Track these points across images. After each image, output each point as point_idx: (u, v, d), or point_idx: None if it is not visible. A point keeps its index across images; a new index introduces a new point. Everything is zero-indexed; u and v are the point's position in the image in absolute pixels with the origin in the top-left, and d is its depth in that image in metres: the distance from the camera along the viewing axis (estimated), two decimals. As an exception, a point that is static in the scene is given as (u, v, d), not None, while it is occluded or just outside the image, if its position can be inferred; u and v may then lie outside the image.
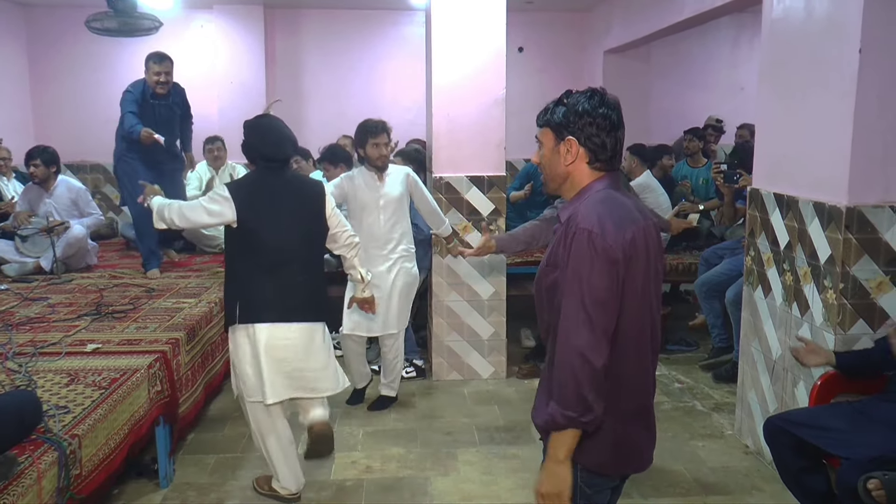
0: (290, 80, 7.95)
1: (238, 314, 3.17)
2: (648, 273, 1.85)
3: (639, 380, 1.92)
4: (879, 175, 3.08)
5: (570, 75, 8.09)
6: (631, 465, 2.01)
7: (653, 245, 1.87)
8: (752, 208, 3.89)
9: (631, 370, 1.88)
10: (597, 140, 1.85)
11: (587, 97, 1.86)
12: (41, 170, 5.46)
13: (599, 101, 1.85)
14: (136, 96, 5.15)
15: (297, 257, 3.22)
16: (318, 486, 3.56)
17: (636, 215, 1.85)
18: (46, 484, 2.40)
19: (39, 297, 4.64)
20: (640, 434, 1.98)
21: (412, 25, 7.90)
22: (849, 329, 3.18)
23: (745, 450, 3.92)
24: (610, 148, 1.87)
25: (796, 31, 3.45)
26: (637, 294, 1.82)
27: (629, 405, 1.91)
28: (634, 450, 1.98)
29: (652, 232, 1.88)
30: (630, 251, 1.77)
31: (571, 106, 1.86)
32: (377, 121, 4.26)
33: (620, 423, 1.89)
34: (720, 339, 5.09)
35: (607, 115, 1.84)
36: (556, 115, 1.89)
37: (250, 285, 3.17)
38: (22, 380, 3.13)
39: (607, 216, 1.77)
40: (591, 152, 1.86)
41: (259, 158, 3.23)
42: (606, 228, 1.75)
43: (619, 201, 1.85)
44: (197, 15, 7.74)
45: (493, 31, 4.76)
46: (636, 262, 1.80)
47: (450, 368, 5.03)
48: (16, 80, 7.56)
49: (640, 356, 1.90)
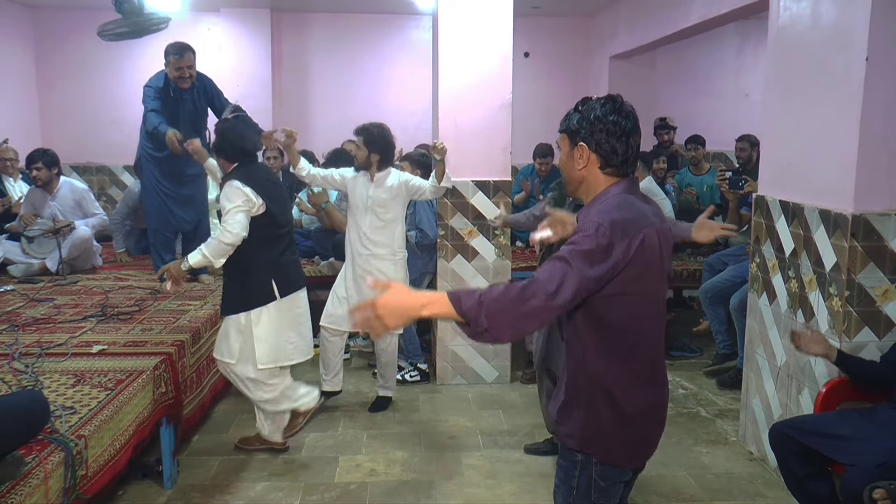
0: (296, 84, 7.98)
1: (278, 290, 3.64)
2: (662, 273, 1.91)
3: (652, 375, 1.97)
4: (885, 182, 3.08)
5: (575, 81, 8.12)
6: (642, 457, 2.05)
7: (666, 247, 1.91)
8: (757, 215, 3.89)
9: (645, 367, 1.94)
10: (607, 146, 1.90)
11: (601, 104, 1.92)
12: (43, 172, 5.46)
13: (611, 108, 1.91)
14: (158, 91, 4.95)
15: (292, 232, 3.87)
16: (323, 488, 3.57)
17: (652, 219, 1.88)
18: (53, 484, 2.41)
19: (45, 298, 4.65)
20: (652, 428, 2.02)
21: (419, 30, 7.93)
22: (854, 336, 3.17)
23: (749, 456, 3.92)
24: (621, 153, 1.91)
25: (802, 38, 3.45)
26: (651, 293, 1.88)
27: (643, 401, 1.95)
28: (646, 442, 2.02)
29: (667, 234, 1.92)
30: (639, 252, 1.80)
31: (585, 113, 1.93)
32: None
33: (636, 420, 1.94)
34: (724, 346, 5.08)
35: (618, 121, 1.90)
36: (572, 121, 1.96)
37: (280, 262, 3.67)
38: (29, 380, 3.14)
39: (619, 218, 1.81)
40: (602, 157, 1.92)
41: (240, 155, 3.64)
42: (616, 228, 1.78)
43: (634, 205, 1.88)
44: (204, 18, 7.76)
45: (500, 36, 4.77)
46: (649, 262, 1.83)
47: (454, 372, 5.04)
48: (22, 82, 7.59)
49: (653, 352, 1.96)
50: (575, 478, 1.99)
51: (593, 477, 1.96)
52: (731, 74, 8.18)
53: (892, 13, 2.95)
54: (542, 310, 1.69)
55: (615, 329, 1.88)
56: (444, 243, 4.86)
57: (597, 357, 1.91)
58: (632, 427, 1.94)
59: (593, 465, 1.95)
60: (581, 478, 1.98)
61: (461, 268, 4.92)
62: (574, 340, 1.95)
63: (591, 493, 1.97)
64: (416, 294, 1.70)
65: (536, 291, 1.69)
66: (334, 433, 4.21)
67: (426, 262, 4.94)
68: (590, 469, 1.95)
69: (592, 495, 1.97)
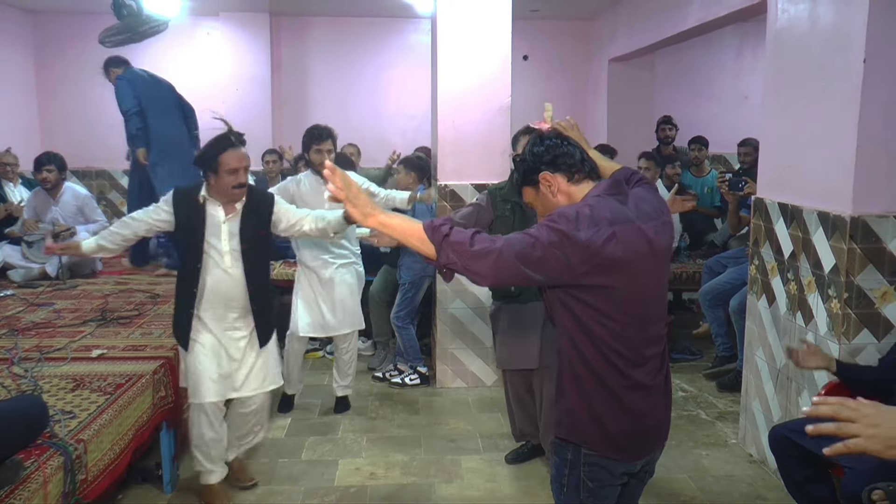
0: (295, 88, 7.99)
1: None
2: (648, 264, 1.91)
3: (638, 364, 1.95)
4: (884, 184, 3.08)
5: (574, 83, 8.14)
6: (632, 451, 2.02)
7: (649, 242, 1.90)
8: (756, 217, 3.89)
9: (633, 354, 1.93)
10: (560, 160, 2.01)
11: (530, 144, 2.09)
12: (54, 175, 5.48)
13: (536, 140, 2.08)
14: (133, 80, 5.22)
15: None
16: (322, 492, 3.57)
17: (628, 215, 1.89)
18: (52, 488, 2.41)
19: (45, 302, 4.65)
20: (645, 419, 1.99)
21: (418, 33, 7.94)
22: (853, 339, 3.17)
23: (749, 458, 3.92)
24: (575, 156, 2.02)
25: (801, 40, 3.46)
26: (633, 286, 1.89)
27: (632, 393, 1.95)
28: (637, 435, 2.00)
29: (648, 231, 1.91)
30: (609, 246, 1.81)
31: (525, 161, 2.07)
32: (323, 127, 4.23)
33: (625, 408, 1.95)
34: (724, 348, 5.08)
35: (549, 143, 2.04)
36: (519, 173, 2.10)
37: None
38: (28, 385, 3.14)
39: (588, 213, 1.84)
40: (565, 170, 2.01)
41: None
42: (582, 218, 1.82)
43: (608, 205, 1.90)
44: (203, 22, 7.78)
45: (499, 39, 4.78)
46: (624, 253, 1.83)
47: (453, 376, 5.03)
48: (23, 87, 7.61)
49: (645, 336, 1.95)
50: (565, 476, 2.03)
51: (581, 478, 1.99)
52: (730, 77, 8.19)
53: (890, 15, 2.95)
54: (493, 268, 1.78)
55: (596, 320, 1.89)
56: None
57: (583, 346, 1.93)
58: (620, 414, 1.95)
59: (581, 466, 1.98)
60: (570, 477, 2.02)
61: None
62: (562, 330, 1.98)
63: (580, 492, 1.99)
64: (376, 214, 1.88)
65: (494, 239, 1.80)
66: (334, 436, 4.21)
67: (425, 265, 4.94)
68: (578, 470, 1.99)
69: (581, 494, 2.00)
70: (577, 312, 1.91)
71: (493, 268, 1.78)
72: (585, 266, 1.81)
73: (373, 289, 5.27)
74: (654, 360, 1.99)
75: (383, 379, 5.09)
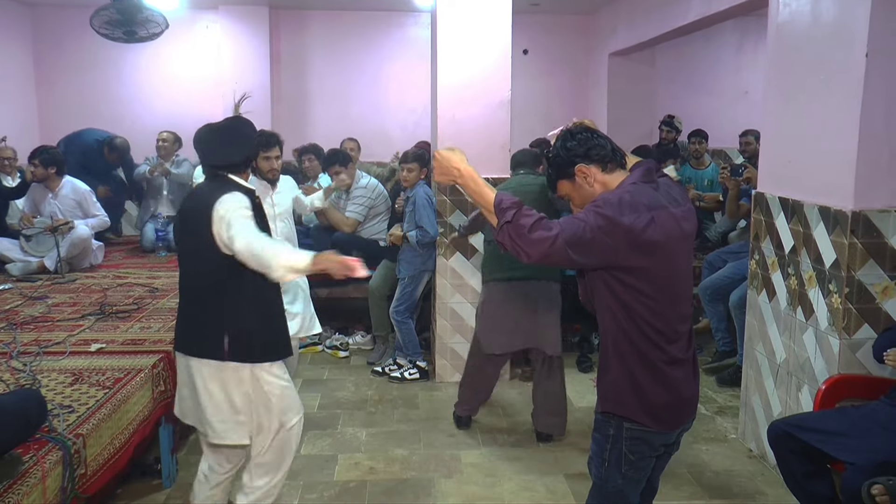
0: (295, 82, 7.96)
1: None
2: (680, 247, 2.10)
3: (673, 335, 2.12)
4: (885, 179, 3.07)
5: (575, 78, 8.12)
6: (673, 421, 2.17)
7: (682, 226, 2.09)
8: (757, 212, 3.88)
9: (668, 330, 2.10)
10: (593, 151, 2.14)
11: (561, 140, 2.20)
12: (39, 170, 5.49)
13: (568, 134, 2.19)
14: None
15: None
16: (322, 486, 3.56)
17: (662, 201, 2.05)
18: (51, 483, 2.41)
19: (43, 296, 4.65)
20: (681, 388, 2.14)
21: (417, 27, 7.91)
22: (854, 334, 3.17)
23: (749, 454, 3.92)
24: (607, 146, 2.16)
25: (802, 35, 3.44)
26: (667, 267, 2.06)
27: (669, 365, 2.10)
28: (676, 405, 2.14)
29: (679, 216, 2.08)
30: (649, 229, 1.97)
31: (558, 156, 2.18)
32: (270, 133, 3.90)
33: (665, 379, 2.10)
34: (724, 343, 5.08)
35: (581, 136, 2.16)
36: (554, 170, 2.21)
37: None
38: (26, 379, 3.14)
39: (629, 200, 2.00)
40: (599, 160, 2.14)
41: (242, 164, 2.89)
42: (624, 205, 1.98)
43: (645, 192, 2.05)
44: (202, 16, 7.75)
45: (499, 33, 4.76)
46: (662, 237, 2.00)
47: (453, 370, 5.03)
48: (21, 80, 7.57)
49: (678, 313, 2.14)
50: (607, 451, 2.16)
51: (623, 451, 2.13)
52: (731, 71, 8.15)
53: (892, 9, 2.94)
54: (547, 245, 1.94)
55: (637, 298, 2.05)
56: (443, 241, 4.85)
57: (626, 322, 2.07)
58: (660, 386, 2.09)
59: (623, 440, 2.12)
60: (612, 451, 2.15)
61: (460, 265, 4.91)
62: (604, 309, 2.12)
63: (622, 465, 2.14)
64: (465, 168, 2.09)
65: (552, 226, 1.96)
66: (333, 431, 4.21)
67: (425, 259, 4.94)
68: (620, 444, 2.13)
69: (623, 468, 2.14)
70: (619, 292, 2.05)
71: (544, 253, 1.95)
72: (629, 249, 1.96)
73: (372, 283, 5.26)
74: (685, 336, 2.16)
75: (382, 373, 5.08)
